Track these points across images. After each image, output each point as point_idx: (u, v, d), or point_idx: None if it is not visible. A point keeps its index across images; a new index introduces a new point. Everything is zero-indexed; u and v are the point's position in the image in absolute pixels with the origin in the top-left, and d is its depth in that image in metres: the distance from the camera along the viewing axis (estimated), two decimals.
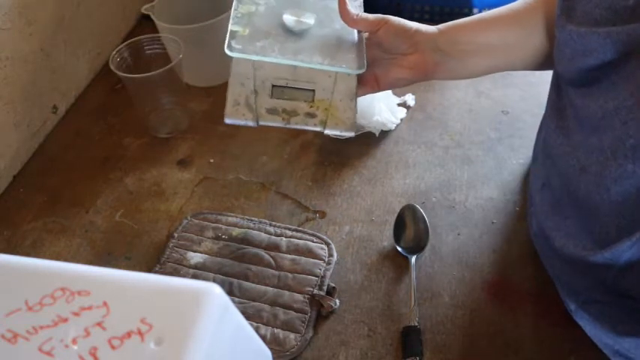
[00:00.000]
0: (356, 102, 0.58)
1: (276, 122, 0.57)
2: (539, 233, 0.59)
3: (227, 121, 0.57)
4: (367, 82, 0.61)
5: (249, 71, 0.57)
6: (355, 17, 0.59)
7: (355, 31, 0.61)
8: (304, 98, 0.57)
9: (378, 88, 0.62)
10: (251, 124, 0.57)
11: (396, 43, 0.59)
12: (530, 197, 0.62)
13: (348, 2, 0.59)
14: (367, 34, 0.62)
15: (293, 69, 0.58)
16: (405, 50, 0.60)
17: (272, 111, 0.57)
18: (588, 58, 0.47)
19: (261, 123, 0.57)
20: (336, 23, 0.61)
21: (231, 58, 0.58)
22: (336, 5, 0.59)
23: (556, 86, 0.57)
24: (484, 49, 0.60)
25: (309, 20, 0.60)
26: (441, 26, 0.60)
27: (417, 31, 0.59)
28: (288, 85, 0.57)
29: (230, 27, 0.59)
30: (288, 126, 0.57)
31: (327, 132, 0.58)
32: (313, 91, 0.58)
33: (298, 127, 0.57)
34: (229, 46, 0.57)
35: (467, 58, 0.60)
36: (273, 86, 0.57)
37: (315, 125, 0.57)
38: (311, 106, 0.57)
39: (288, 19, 0.59)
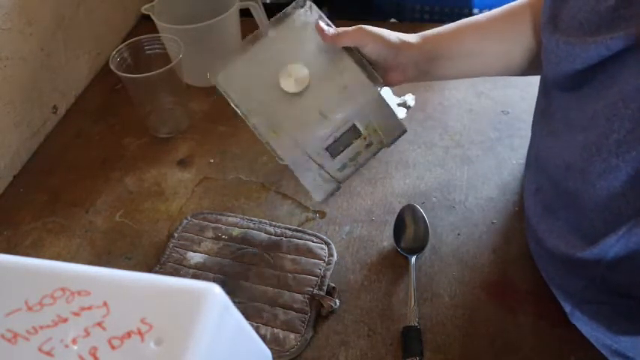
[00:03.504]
0: (390, 105, 0.61)
1: (352, 171, 0.61)
2: (533, 237, 0.60)
3: (321, 201, 0.62)
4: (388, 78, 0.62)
5: (304, 156, 0.59)
6: (337, 35, 0.60)
7: (349, 59, 0.61)
8: (354, 136, 0.60)
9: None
10: (337, 189, 0.61)
11: (382, 57, 0.60)
12: (525, 202, 0.63)
13: (323, 25, 0.60)
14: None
15: (327, 122, 0.59)
16: (388, 64, 0.61)
17: (342, 167, 0.60)
18: (573, 63, 0.48)
19: (343, 183, 0.61)
20: (326, 60, 0.61)
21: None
22: (313, 43, 0.61)
23: (544, 92, 0.57)
24: (463, 61, 0.62)
25: (304, 72, 0.60)
26: (421, 40, 0.61)
27: (400, 49, 0.60)
28: (336, 139, 0.59)
29: (269, 142, 0.60)
30: (362, 167, 0.61)
31: (390, 145, 0.61)
32: (354, 125, 0.60)
33: (369, 160, 0.61)
34: (292, 162, 0.59)
35: (445, 71, 0.63)
36: (327, 149, 0.59)
37: (378, 149, 0.61)
38: (364, 138, 0.60)
39: (287, 85, 0.60)
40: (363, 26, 0.59)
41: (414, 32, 0.62)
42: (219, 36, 0.85)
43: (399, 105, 0.82)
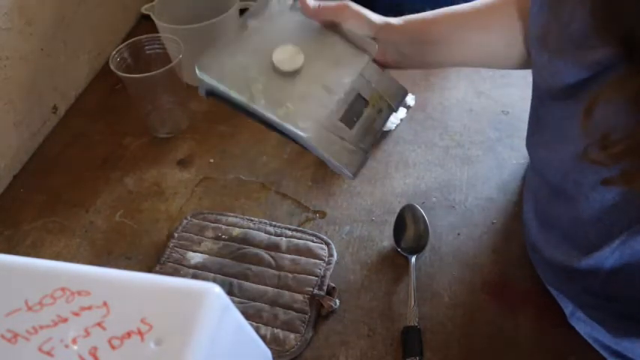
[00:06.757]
0: (388, 72, 0.61)
1: (372, 139, 0.59)
2: (531, 246, 0.60)
3: (353, 175, 0.58)
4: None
5: (322, 130, 0.57)
6: (318, 8, 0.59)
7: (335, 35, 0.61)
8: (363, 105, 0.59)
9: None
10: (365, 159, 0.58)
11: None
12: (524, 213, 0.63)
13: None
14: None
15: (332, 95, 0.58)
16: None
17: (362, 136, 0.58)
18: (567, 78, 0.47)
19: (369, 152, 0.58)
20: (314, 39, 0.61)
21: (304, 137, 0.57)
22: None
23: (538, 101, 0.57)
24: (441, 48, 0.61)
25: (296, 50, 0.59)
26: (403, 22, 0.60)
27: (381, 29, 0.59)
28: (346, 110, 0.58)
29: (284, 123, 0.57)
30: (379, 135, 0.60)
31: (398, 109, 0.61)
32: (359, 94, 0.59)
33: (384, 127, 0.61)
34: (314, 138, 0.56)
35: (425, 57, 0.62)
36: (341, 120, 0.58)
37: (388, 114, 0.60)
38: (373, 105, 0.60)
39: (283, 63, 0.58)
40: (348, 2, 0.59)
41: None
42: (219, 36, 0.84)
43: None
